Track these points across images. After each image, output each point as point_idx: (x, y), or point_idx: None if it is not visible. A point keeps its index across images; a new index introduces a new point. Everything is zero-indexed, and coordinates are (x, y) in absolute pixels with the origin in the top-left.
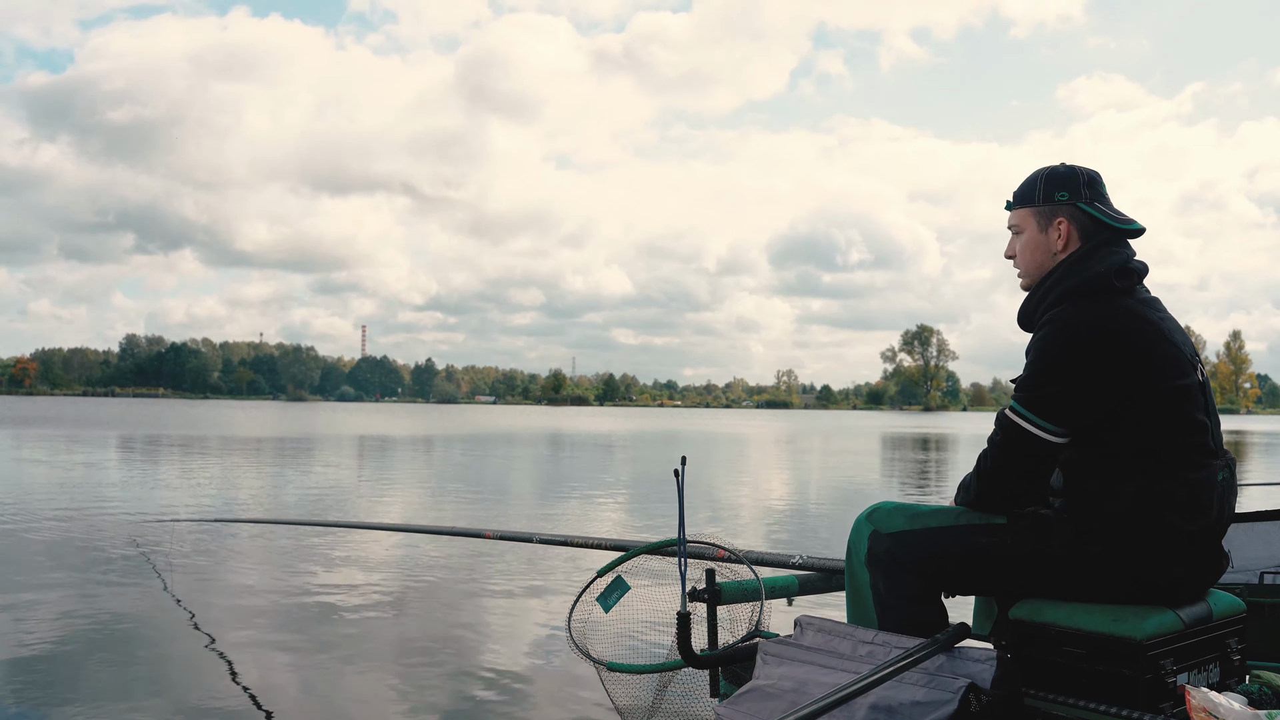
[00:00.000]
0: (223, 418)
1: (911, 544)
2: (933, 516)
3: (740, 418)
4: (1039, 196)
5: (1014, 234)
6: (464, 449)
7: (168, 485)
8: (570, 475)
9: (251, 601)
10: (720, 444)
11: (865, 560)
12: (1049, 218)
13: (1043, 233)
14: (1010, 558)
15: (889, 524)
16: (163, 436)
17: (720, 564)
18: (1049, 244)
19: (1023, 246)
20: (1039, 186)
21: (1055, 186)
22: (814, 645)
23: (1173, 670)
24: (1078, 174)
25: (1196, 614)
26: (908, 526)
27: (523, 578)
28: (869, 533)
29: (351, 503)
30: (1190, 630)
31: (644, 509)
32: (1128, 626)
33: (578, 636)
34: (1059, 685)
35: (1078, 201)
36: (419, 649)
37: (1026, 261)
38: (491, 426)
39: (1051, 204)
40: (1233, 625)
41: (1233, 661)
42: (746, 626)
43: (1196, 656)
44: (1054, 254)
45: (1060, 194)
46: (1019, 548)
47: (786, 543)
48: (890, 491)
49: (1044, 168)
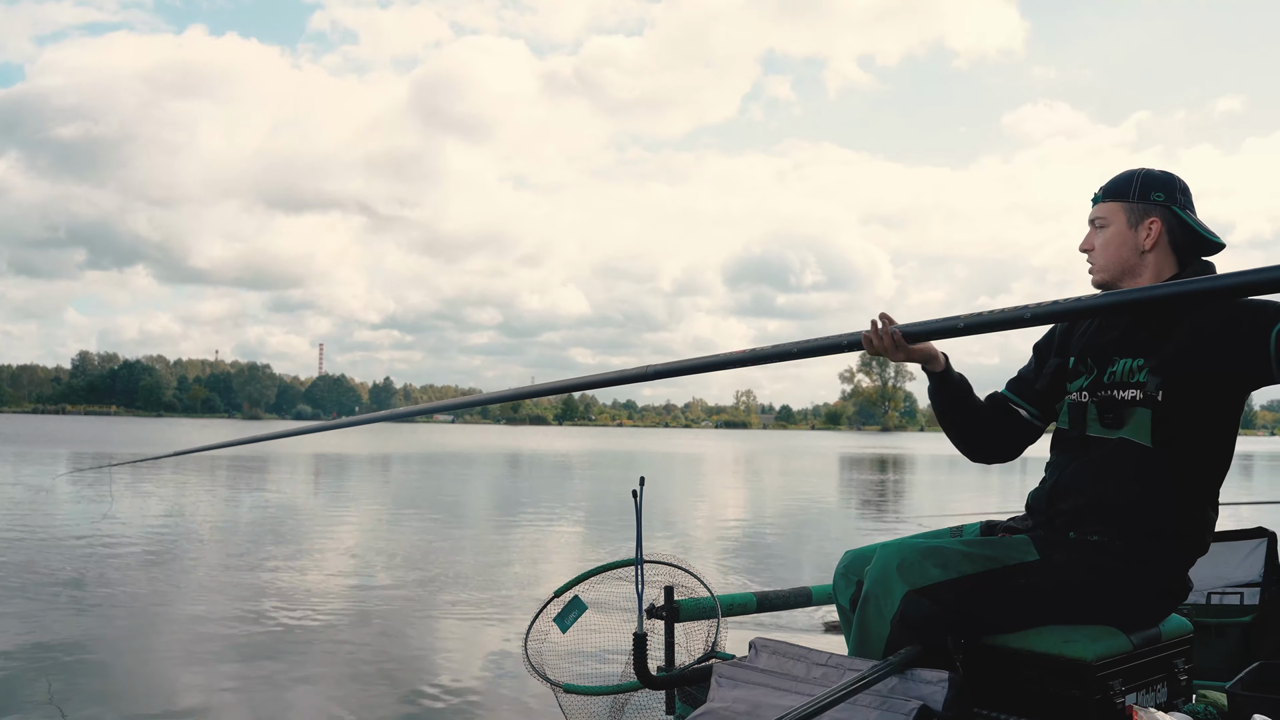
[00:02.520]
0: (175, 436)
1: (949, 600)
2: (965, 560)
3: (699, 438)
4: (1134, 193)
5: (1095, 227)
6: (420, 469)
7: (113, 499)
8: (528, 496)
9: (201, 626)
10: (679, 464)
11: (895, 620)
12: (1141, 215)
13: (1132, 229)
14: (1041, 594)
15: (922, 576)
16: (114, 454)
17: (678, 583)
18: (1136, 241)
19: (1106, 240)
20: (1135, 184)
21: (1152, 187)
22: (768, 667)
23: (1121, 690)
24: (1174, 180)
25: (1146, 635)
26: (943, 577)
27: (479, 597)
28: (902, 593)
29: (303, 527)
30: (1139, 651)
31: (602, 530)
32: (1077, 648)
33: (534, 657)
34: (1010, 706)
35: (1172, 205)
36: (372, 670)
37: (1109, 256)
38: (450, 446)
39: (1146, 202)
40: (1180, 646)
41: (1180, 681)
42: (703, 646)
43: (1145, 677)
44: (1140, 251)
45: (1156, 194)
46: (1047, 582)
47: (743, 567)
48: (849, 513)
49: (1139, 168)
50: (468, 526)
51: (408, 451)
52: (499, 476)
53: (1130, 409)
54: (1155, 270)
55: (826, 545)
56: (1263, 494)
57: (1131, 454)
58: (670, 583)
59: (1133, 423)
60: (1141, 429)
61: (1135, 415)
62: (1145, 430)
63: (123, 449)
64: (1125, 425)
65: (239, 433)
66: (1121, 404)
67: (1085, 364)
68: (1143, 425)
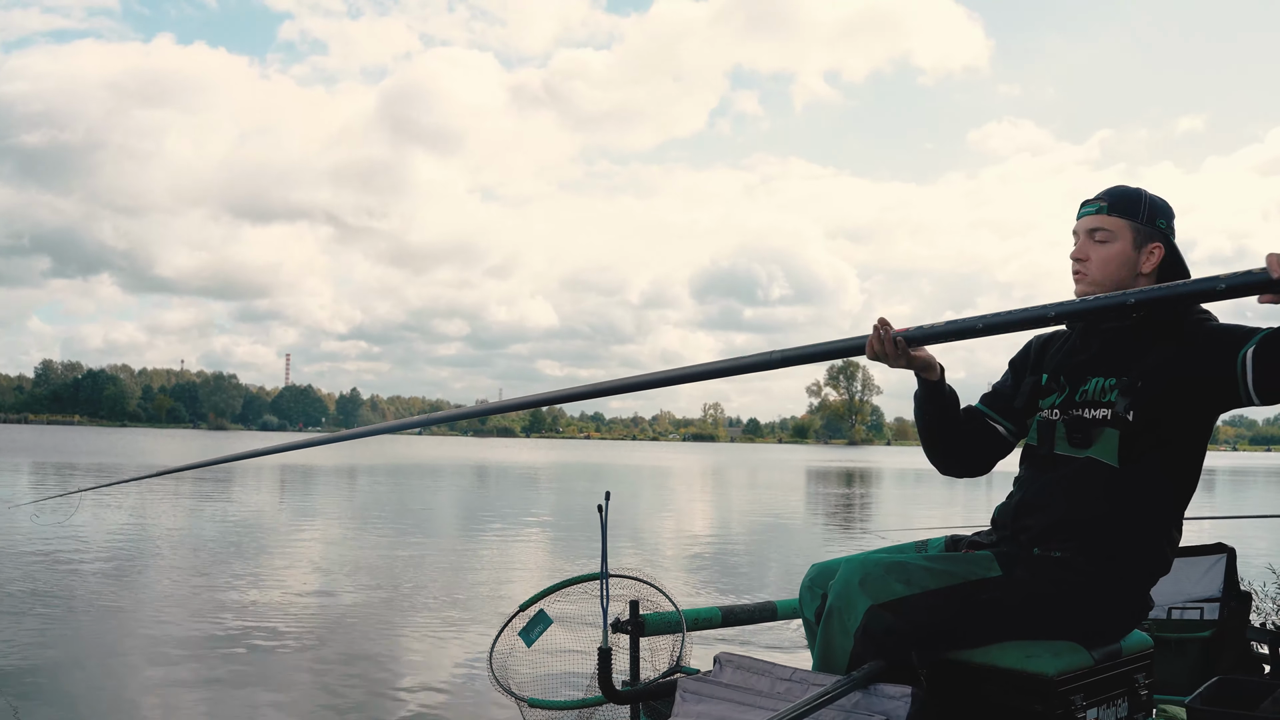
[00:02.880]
0: (140, 447)
1: (913, 615)
2: (928, 575)
3: (667, 451)
4: (1144, 215)
5: (1094, 239)
6: (387, 482)
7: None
8: (494, 509)
9: (162, 643)
10: (646, 477)
11: (858, 634)
12: (1148, 239)
13: (1136, 250)
14: (1004, 609)
15: (885, 590)
16: (76, 465)
17: (644, 597)
18: (1138, 263)
19: (1108, 256)
20: (1144, 205)
21: (1158, 213)
22: (732, 683)
23: (1082, 705)
24: (1171, 210)
25: (1107, 650)
26: (906, 592)
27: (444, 610)
28: (865, 607)
29: (267, 540)
30: (1100, 666)
31: (568, 544)
32: (1039, 663)
33: (499, 671)
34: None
35: (1171, 236)
36: (334, 683)
37: (1108, 272)
38: (416, 458)
39: (1153, 227)
40: (1141, 661)
41: (1140, 696)
42: (668, 661)
43: (1106, 692)
44: (1138, 274)
45: (1161, 221)
46: (1010, 598)
47: (708, 581)
48: (815, 527)
49: (1138, 188)
50: (433, 539)
51: (374, 463)
52: (465, 489)
53: (1099, 428)
54: None
55: (792, 559)
56: (1225, 509)
57: (1098, 474)
58: (635, 597)
59: (1100, 442)
60: (1109, 449)
61: (1103, 435)
62: (1113, 450)
63: (87, 459)
64: (1093, 445)
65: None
66: (1090, 423)
67: (1058, 382)
68: (1110, 445)
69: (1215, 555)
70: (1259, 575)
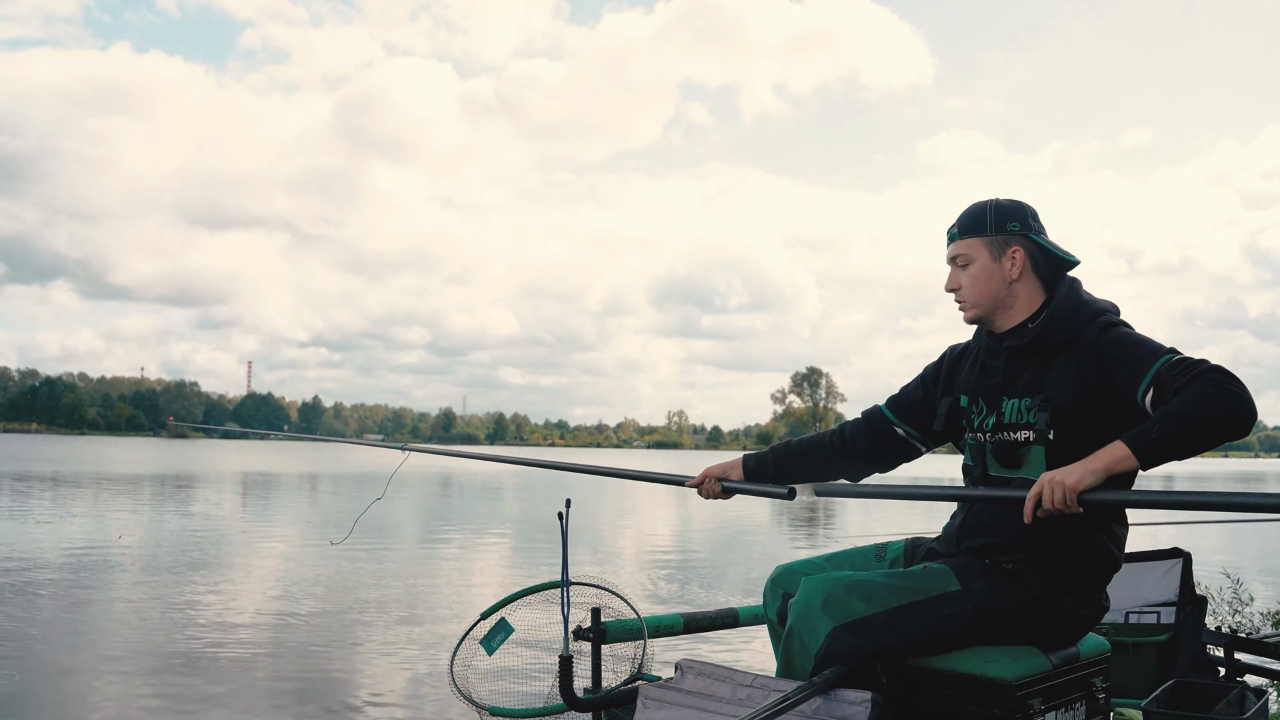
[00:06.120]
0: (99, 454)
1: (874, 634)
2: (889, 593)
3: (631, 458)
4: (991, 226)
5: (957, 266)
6: (349, 489)
7: (39, 521)
8: (457, 517)
9: (118, 656)
10: (608, 486)
11: (819, 656)
12: (1003, 247)
13: (996, 261)
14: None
15: (846, 611)
16: (30, 474)
17: (605, 605)
18: (1003, 273)
19: (974, 276)
20: (989, 217)
21: (1006, 217)
22: (694, 689)
23: (1040, 709)
24: (1024, 206)
25: (1065, 655)
26: (867, 611)
27: (404, 618)
28: (828, 630)
29: (226, 548)
30: (1058, 671)
31: (530, 552)
32: (998, 668)
33: (460, 680)
34: None
35: (1028, 233)
36: (292, 692)
37: (978, 291)
38: (378, 466)
39: (1004, 234)
40: (1098, 665)
41: (1098, 700)
42: (630, 668)
43: (1063, 696)
44: (1008, 282)
45: (1012, 224)
46: (969, 610)
47: (670, 588)
48: (778, 534)
49: (987, 200)
50: (394, 547)
51: (336, 471)
52: (428, 497)
53: (1025, 449)
54: (1025, 298)
55: (754, 566)
56: (1181, 514)
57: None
58: (597, 604)
59: (1030, 462)
60: (1038, 466)
61: (1031, 454)
62: (1041, 467)
63: (45, 468)
64: (1023, 465)
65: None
66: (1016, 445)
67: (978, 405)
68: (1039, 463)
69: (1171, 560)
70: (1214, 579)
